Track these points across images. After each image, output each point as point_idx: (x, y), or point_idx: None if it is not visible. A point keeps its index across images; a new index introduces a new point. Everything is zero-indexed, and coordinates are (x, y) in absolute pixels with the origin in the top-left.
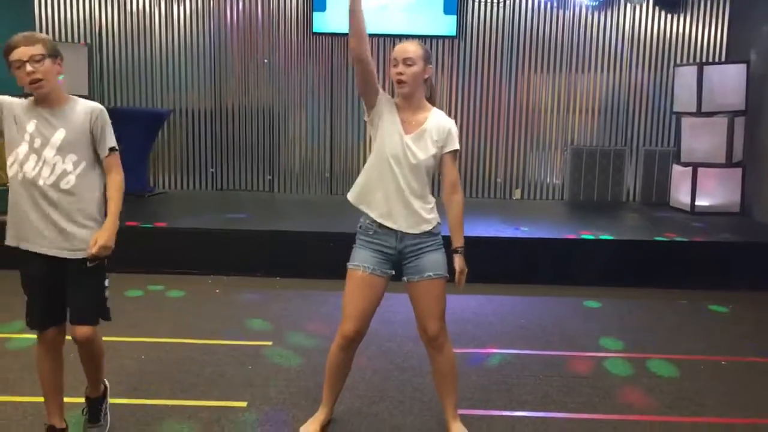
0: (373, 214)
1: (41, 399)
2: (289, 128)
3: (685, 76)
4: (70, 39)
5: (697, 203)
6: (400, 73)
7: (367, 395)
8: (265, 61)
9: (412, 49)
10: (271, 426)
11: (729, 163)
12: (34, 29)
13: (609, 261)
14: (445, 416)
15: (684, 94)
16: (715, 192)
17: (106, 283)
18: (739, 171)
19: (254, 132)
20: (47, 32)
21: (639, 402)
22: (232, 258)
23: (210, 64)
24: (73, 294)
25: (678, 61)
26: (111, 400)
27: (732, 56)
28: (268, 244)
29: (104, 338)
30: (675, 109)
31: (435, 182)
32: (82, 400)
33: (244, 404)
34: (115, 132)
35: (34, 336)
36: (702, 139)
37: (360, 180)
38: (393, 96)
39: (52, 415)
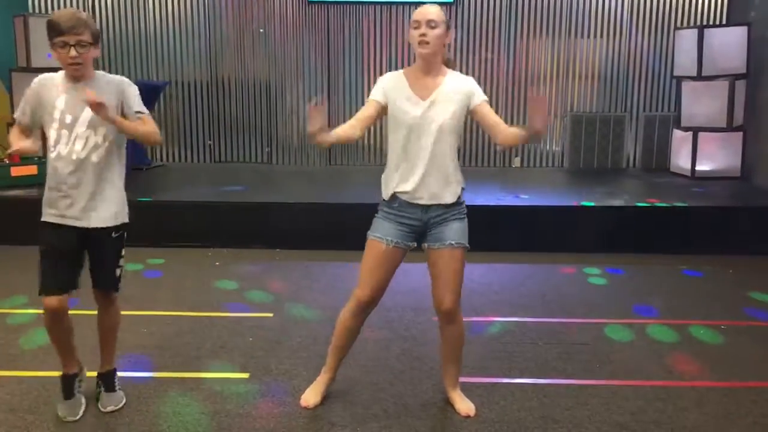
0: (405, 195)
1: (44, 373)
2: (286, 99)
3: (686, 39)
4: None
5: (697, 168)
6: (424, 35)
7: (368, 365)
8: (261, 31)
9: (434, 11)
10: (273, 397)
11: (730, 128)
12: (26, 0)
13: (609, 228)
14: (445, 384)
15: (684, 58)
16: (716, 157)
17: (123, 252)
18: (739, 135)
19: (251, 103)
20: (40, 2)
21: (639, 367)
22: (232, 230)
23: (205, 34)
24: (100, 261)
25: (678, 25)
26: None
27: (733, 19)
28: (268, 216)
29: None
30: (675, 74)
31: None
32: (95, 374)
33: (245, 376)
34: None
35: (35, 311)
36: (702, 103)
37: (386, 174)
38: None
39: (68, 366)
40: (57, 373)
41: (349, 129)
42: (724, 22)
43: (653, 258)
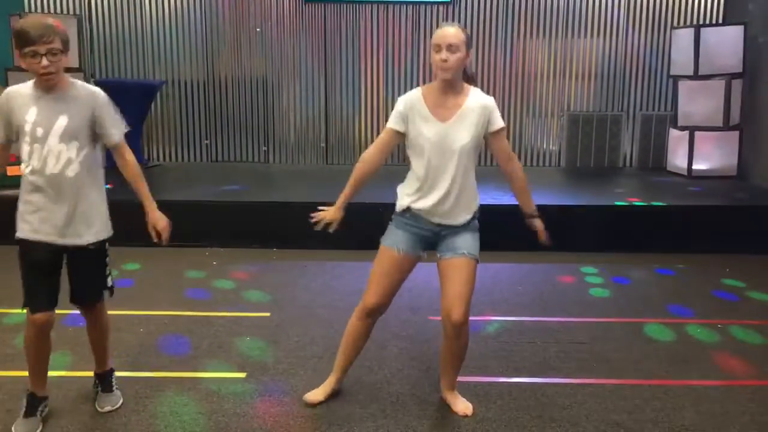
0: (420, 211)
1: (53, 373)
2: (283, 98)
3: (682, 38)
4: (59, 10)
5: (694, 167)
6: (445, 60)
7: (365, 364)
8: (258, 30)
9: (454, 33)
10: (270, 396)
11: (726, 127)
12: (22, 0)
13: (606, 227)
14: (442, 386)
15: (681, 58)
16: (712, 155)
17: (108, 260)
18: (736, 134)
19: (248, 102)
20: (36, 2)
21: (636, 366)
22: (228, 230)
23: (202, 33)
24: (82, 277)
25: (675, 24)
26: None
27: (729, 18)
28: (264, 216)
29: None
30: (672, 73)
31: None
32: (92, 373)
33: (242, 375)
34: None
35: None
36: (699, 102)
37: (406, 185)
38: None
39: (37, 386)
40: (55, 373)
41: (364, 171)
42: (720, 21)
43: (650, 257)
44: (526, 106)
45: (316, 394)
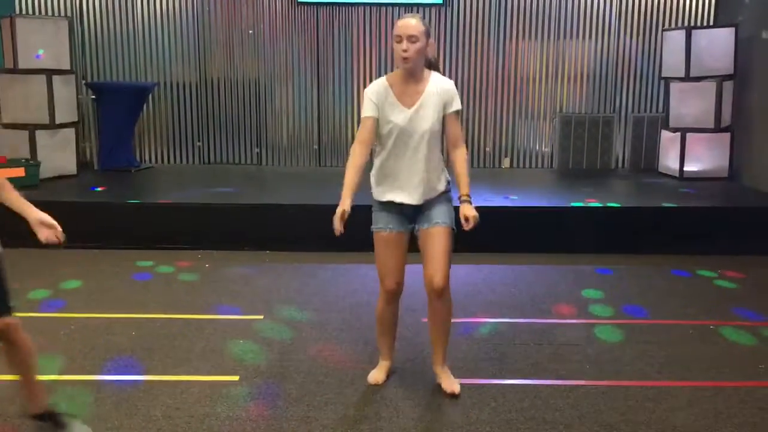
0: (387, 197)
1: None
2: (275, 100)
3: (674, 40)
4: (50, 12)
5: (685, 169)
6: (405, 50)
7: (360, 366)
8: (250, 32)
9: (414, 24)
10: (264, 399)
11: (717, 128)
12: (13, 2)
13: (598, 228)
14: (433, 362)
15: (672, 59)
16: (704, 157)
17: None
18: (727, 136)
19: (241, 104)
20: (27, 4)
21: (629, 367)
22: (221, 232)
23: (194, 35)
24: None
25: (666, 26)
26: (101, 377)
27: (720, 20)
28: (257, 218)
29: (94, 315)
30: (663, 75)
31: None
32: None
33: (236, 378)
34: (99, 107)
35: (22, 314)
36: (690, 104)
37: (374, 174)
38: (381, 75)
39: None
40: (44, 377)
41: (359, 164)
42: (711, 23)
43: (643, 258)
44: (518, 108)
45: (377, 377)
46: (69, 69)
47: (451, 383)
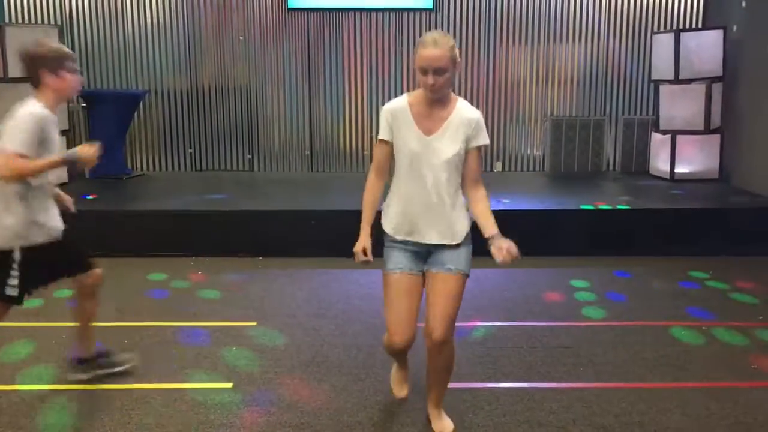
0: (399, 236)
1: (25, 387)
2: (267, 106)
3: (663, 43)
4: (39, 20)
5: (676, 171)
6: (433, 84)
7: (354, 372)
8: (241, 38)
9: (439, 55)
10: (257, 406)
11: (707, 130)
12: (2, 10)
13: (590, 231)
14: (428, 400)
15: (662, 62)
16: (694, 159)
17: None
18: (717, 137)
19: (232, 111)
20: (16, 13)
21: (622, 369)
22: (214, 239)
23: (185, 42)
24: None
25: (655, 29)
26: (95, 387)
27: (709, 22)
28: (250, 224)
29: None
30: (653, 77)
31: None
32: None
33: (229, 385)
34: (90, 115)
35: (16, 324)
36: (680, 106)
37: (387, 200)
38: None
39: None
40: (37, 387)
41: (374, 200)
42: (700, 26)
43: (634, 260)
44: (509, 112)
45: (402, 389)
46: None
47: (441, 426)
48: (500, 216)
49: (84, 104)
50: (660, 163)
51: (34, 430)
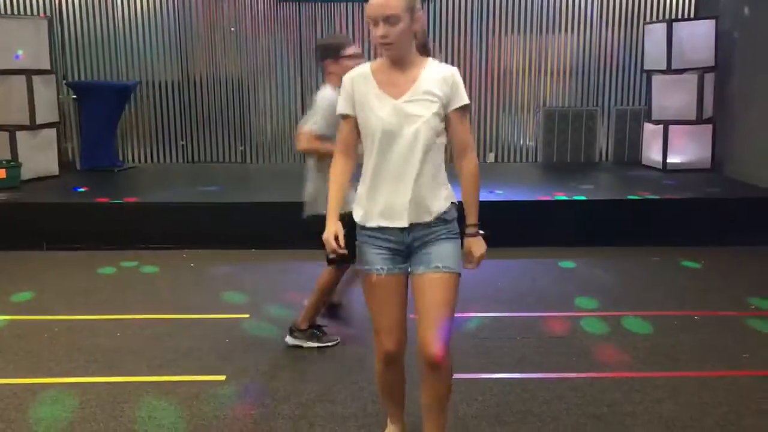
0: (371, 223)
1: (15, 380)
2: (259, 97)
3: (655, 33)
4: (29, 11)
5: (668, 161)
6: (384, 36)
7: (346, 363)
8: (232, 29)
9: (391, 2)
10: (250, 399)
11: (699, 120)
12: None
13: (583, 221)
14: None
15: (654, 52)
16: (687, 149)
17: None
18: (709, 127)
19: (224, 102)
20: (5, 4)
21: (615, 359)
22: (206, 231)
23: (175, 33)
24: None
25: (647, 19)
26: (86, 379)
27: (701, 12)
28: (242, 216)
29: (78, 317)
30: (645, 68)
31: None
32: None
33: (222, 378)
34: (81, 107)
35: (6, 317)
36: (672, 96)
37: (360, 186)
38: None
39: None
40: (27, 380)
41: (341, 182)
42: (692, 15)
43: (626, 250)
44: (502, 103)
45: None
46: (49, 69)
47: None
48: (493, 206)
49: (74, 96)
50: (652, 153)
51: (25, 424)
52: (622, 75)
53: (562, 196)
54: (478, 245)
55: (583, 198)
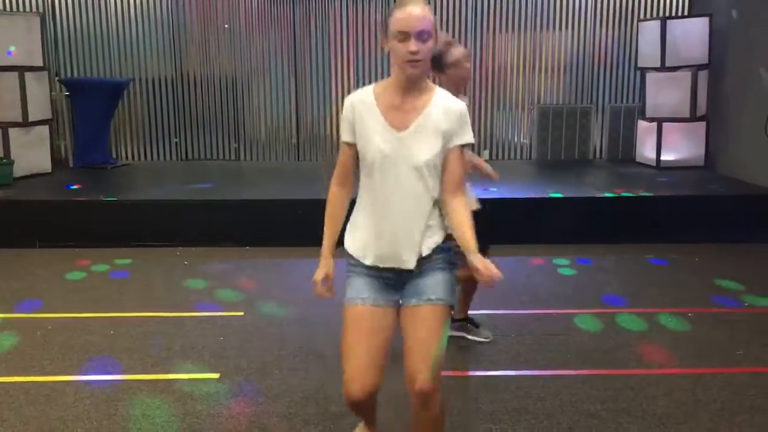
0: (368, 261)
1: (8, 379)
2: (253, 94)
3: (649, 31)
4: (21, 8)
5: (662, 158)
6: (416, 52)
7: (340, 362)
8: (226, 26)
9: (423, 16)
10: (244, 397)
11: (693, 117)
12: None
13: (577, 218)
14: None
15: (648, 50)
16: (680, 146)
17: None
18: (703, 125)
19: (218, 99)
20: None
21: (609, 357)
22: (200, 229)
23: (169, 30)
24: None
25: (641, 17)
26: (79, 378)
27: (695, 10)
28: (236, 214)
29: (71, 315)
30: (639, 65)
31: None
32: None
33: (216, 376)
34: (74, 104)
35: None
36: (666, 94)
37: (353, 217)
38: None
39: None
40: (20, 379)
41: (337, 215)
42: (686, 13)
43: (621, 248)
44: (496, 100)
45: None
46: (42, 65)
47: None
48: (488, 203)
49: (67, 93)
50: (646, 151)
51: (18, 422)
52: (616, 72)
53: (556, 194)
54: (489, 264)
55: (577, 195)
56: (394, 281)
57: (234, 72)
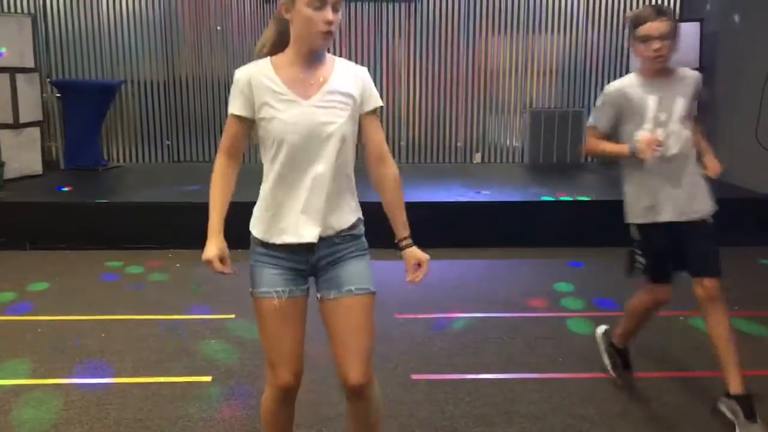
0: (275, 239)
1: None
2: None
3: None
4: (12, 9)
5: None
6: (331, 22)
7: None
8: (218, 28)
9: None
10: (237, 400)
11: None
12: None
13: (569, 222)
14: None
15: None
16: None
17: None
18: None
19: (210, 101)
20: None
21: (602, 360)
22: (192, 231)
23: (161, 31)
24: None
25: None
26: (70, 381)
27: (686, 15)
28: (228, 216)
29: (62, 317)
30: (631, 69)
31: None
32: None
33: (208, 379)
34: (65, 105)
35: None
36: None
37: (259, 201)
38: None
39: None
40: (12, 382)
41: (224, 185)
42: (677, 17)
43: (613, 251)
44: (488, 103)
45: None
46: (33, 67)
47: None
48: (480, 207)
49: (58, 94)
50: None
51: (9, 426)
52: (608, 76)
53: (548, 197)
54: (420, 254)
55: (569, 199)
56: (304, 270)
57: (226, 74)
